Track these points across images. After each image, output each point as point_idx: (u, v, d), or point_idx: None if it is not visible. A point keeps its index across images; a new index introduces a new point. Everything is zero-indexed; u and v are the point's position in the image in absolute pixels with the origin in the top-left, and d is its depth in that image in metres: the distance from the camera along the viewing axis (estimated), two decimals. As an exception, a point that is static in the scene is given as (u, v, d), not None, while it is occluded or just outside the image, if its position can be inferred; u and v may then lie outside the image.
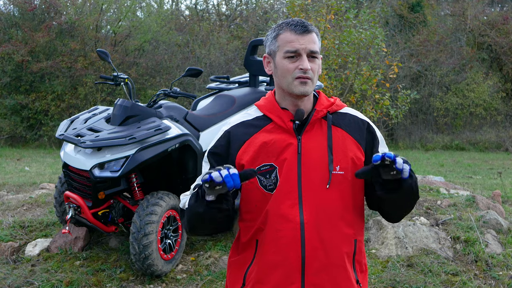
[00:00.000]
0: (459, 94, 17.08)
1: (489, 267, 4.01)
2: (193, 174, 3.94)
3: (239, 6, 20.01)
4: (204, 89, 13.61)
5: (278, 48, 1.70)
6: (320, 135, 1.71)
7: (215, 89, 5.03)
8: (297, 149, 1.68)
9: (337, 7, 8.23)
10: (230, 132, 1.76)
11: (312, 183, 1.67)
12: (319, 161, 1.68)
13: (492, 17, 18.67)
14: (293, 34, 1.66)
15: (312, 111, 1.72)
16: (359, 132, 1.75)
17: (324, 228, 1.66)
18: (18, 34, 14.94)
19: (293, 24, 1.67)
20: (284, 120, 1.72)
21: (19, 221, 4.67)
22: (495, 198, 5.54)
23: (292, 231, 1.65)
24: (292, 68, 1.67)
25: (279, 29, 1.71)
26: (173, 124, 3.84)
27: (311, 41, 1.67)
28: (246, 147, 1.71)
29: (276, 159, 1.68)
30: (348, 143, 1.72)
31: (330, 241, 1.67)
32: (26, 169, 9.01)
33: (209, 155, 1.77)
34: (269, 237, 1.68)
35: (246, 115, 1.80)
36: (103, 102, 14.10)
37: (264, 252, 1.69)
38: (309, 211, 1.65)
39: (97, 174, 3.57)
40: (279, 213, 1.66)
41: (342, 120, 1.76)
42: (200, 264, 4.02)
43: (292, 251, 1.65)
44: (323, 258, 1.66)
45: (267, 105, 1.78)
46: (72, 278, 3.68)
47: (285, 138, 1.70)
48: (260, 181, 1.69)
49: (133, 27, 15.66)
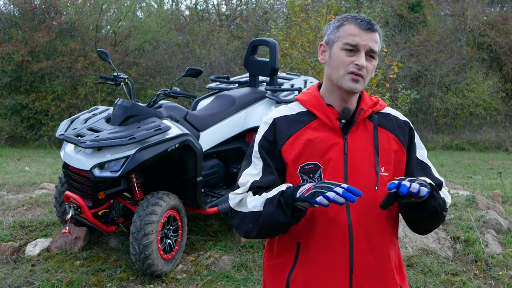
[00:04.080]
0: (459, 94, 17.09)
1: (489, 267, 4.01)
2: (193, 174, 3.94)
3: (239, 6, 20.01)
4: (204, 89, 13.61)
5: (338, 39, 1.63)
6: (365, 135, 1.66)
7: (215, 89, 5.03)
8: (343, 149, 1.63)
9: (337, 7, 8.23)
10: (276, 122, 1.68)
11: (359, 184, 1.59)
12: (366, 161, 1.63)
13: (492, 17, 18.67)
14: (357, 28, 1.60)
15: (359, 110, 1.67)
16: (402, 133, 1.71)
17: (372, 231, 1.61)
18: (18, 34, 14.95)
19: (359, 19, 1.62)
20: (330, 118, 1.65)
21: (19, 221, 4.67)
22: (495, 198, 5.55)
23: (340, 234, 1.59)
24: (348, 61, 1.60)
25: (343, 20, 1.64)
26: (173, 124, 3.84)
27: (373, 39, 1.61)
28: (290, 143, 1.65)
29: (321, 158, 1.62)
30: (392, 144, 1.68)
31: (378, 244, 1.62)
32: (26, 169, 9.01)
33: (260, 149, 1.68)
34: (316, 240, 1.61)
35: (288, 109, 1.72)
36: (103, 102, 14.10)
37: (310, 256, 1.62)
38: (356, 213, 1.60)
39: (97, 174, 3.57)
40: (326, 216, 1.59)
41: (385, 120, 1.71)
42: (200, 264, 4.02)
43: (339, 254, 1.59)
44: (371, 261, 1.61)
45: (311, 100, 1.70)
46: (72, 278, 3.68)
47: (330, 137, 1.64)
48: (302, 180, 1.62)
49: (133, 27, 15.66)
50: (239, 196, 1.65)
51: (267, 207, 1.55)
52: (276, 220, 1.52)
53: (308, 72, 7.68)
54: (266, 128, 1.70)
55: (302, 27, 8.19)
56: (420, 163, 1.73)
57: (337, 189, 1.41)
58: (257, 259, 4.12)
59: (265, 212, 1.56)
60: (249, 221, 1.60)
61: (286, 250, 1.67)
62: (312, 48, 8.04)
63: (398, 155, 1.68)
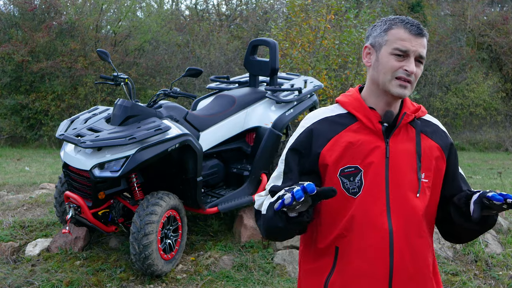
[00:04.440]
0: (459, 94, 17.09)
1: (489, 267, 4.01)
2: (193, 174, 3.94)
3: (239, 6, 20.01)
4: (204, 89, 13.61)
5: (386, 42, 1.59)
6: (407, 140, 1.64)
7: (215, 89, 5.03)
8: (385, 152, 1.60)
9: (337, 7, 8.23)
10: (313, 129, 1.65)
11: (400, 189, 1.59)
12: (407, 166, 1.61)
13: (492, 17, 18.68)
14: (407, 33, 1.57)
15: (402, 114, 1.64)
16: (443, 141, 1.70)
17: (412, 237, 1.59)
18: (18, 34, 14.95)
19: (409, 23, 1.58)
20: (372, 121, 1.62)
21: (19, 221, 4.67)
22: (495, 198, 5.54)
23: (381, 239, 1.57)
24: (397, 66, 1.57)
25: (391, 23, 1.60)
26: (173, 124, 3.84)
27: (422, 45, 1.58)
28: (331, 146, 1.62)
29: (362, 162, 1.59)
30: (434, 151, 1.66)
31: (418, 250, 1.60)
32: (26, 169, 9.01)
33: (288, 153, 1.67)
34: (355, 245, 1.58)
35: (328, 110, 1.70)
36: (103, 102, 14.10)
37: (349, 261, 1.60)
38: (397, 219, 1.58)
39: (97, 174, 3.57)
40: (367, 220, 1.57)
41: (427, 127, 1.69)
42: (200, 264, 4.02)
43: (380, 261, 1.57)
44: (411, 267, 1.59)
45: (353, 102, 1.67)
46: (72, 278, 3.68)
47: (372, 140, 1.61)
48: (343, 183, 1.60)
49: (133, 27, 15.66)
50: (261, 198, 1.68)
51: (268, 211, 1.56)
52: (276, 224, 1.51)
53: (308, 72, 7.68)
54: (301, 131, 1.68)
55: (302, 27, 8.20)
56: (462, 177, 1.74)
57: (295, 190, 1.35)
58: (257, 259, 4.12)
59: (266, 216, 1.56)
60: (263, 223, 1.61)
61: (323, 254, 1.65)
62: (312, 48, 8.04)
63: (439, 163, 1.67)
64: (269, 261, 4.10)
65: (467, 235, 1.70)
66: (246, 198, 4.33)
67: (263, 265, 4.04)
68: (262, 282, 3.82)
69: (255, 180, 4.42)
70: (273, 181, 1.68)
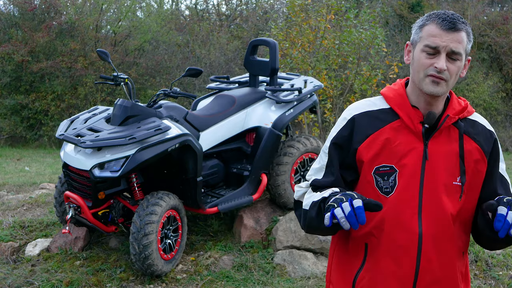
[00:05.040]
0: (459, 94, 17.09)
1: (489, 267, 4.01)
2: (193, 174, 3.94)
3: (239, 6, 20.01)
4: (204, 89, 13.61)
5: (420, 39, 1.57)
6: (447, 143, 1.60)
7: (215, 89, 5.03)
8: (423, 155, 1.58)
9: (337, 7, 8.23)
10: (355, 119, 1.63)
11: (434, 192, 1.57)
12: (445, 170, 1.58)
13: (492, 17, 18.68)
14: (438, 29, 1.52)
15: (445, 117, 1.60)
16: (486, 143, 1.65)
17: (441, 241, 1.58)
18: (18, 34, 14.94)
19: (442, 18, 1.53)
20: (413, 121, 1.59)
21: (19, 221, 4.67)
22: (495, 198, 5.55)
23: (410, 241, 1.56)
24: (427, 64, 1.54)
25: (427, 19, 1.58)
26: (173, 124, 3.84)
27: (455, 40, 1.52)
28: (369, 142, 1.60)
29: (398, 162, 1.58)
30: (474, 154, 1.62)
31: (446, 255, 1.59)
32: (26, 169, 9.01)
33: (331, 146, 1.66)
34: (385, 245, 1.59)
35: (370, 103, 1.67)
36: (103, 102, 14.10)
37: (378, 260, 1.60)
38: (427, 222, 1.56)
39: (97, 174, 3.57)
40: (398, 222, 1.57)
41: (472, 128, 1.64)
42: (200, 264, 4.02)
43: (406, 262, 1.57)
44: (437, 271, 1.58)
45: (397, 98, 1.64)
46: (72, 278, 3.68)
47: (411, 141, 1.58)
48: (376, 181, 1.59)
49: (133, 27, 15.66)
50: (302, 189, 1.69)
51: (311, 210, 1.57)
52: (318, 226, 1.53)
53: (308, 72, 7.67)
54: (343, 124, 1.66)
55: (302, 27, 8.19)
56: (501, 178, 1.69)
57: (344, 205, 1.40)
58: (257, 259, 4.12)
59: (309, 215, 1.58)
60: (303, 217, 1.62)
61: (354, 249, 1.66)
62: (312, 48, 8.04)
63: (478, 165, 1.63)
64: (269, 261, 4.10)
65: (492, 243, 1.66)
66: (246, 198, 4.33)
67: (263, 265, 4.04)
68: (262, 282, 3.81)
69: (255, 180, 4.42)
70: (315, 172, 1.68)
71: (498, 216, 1.45)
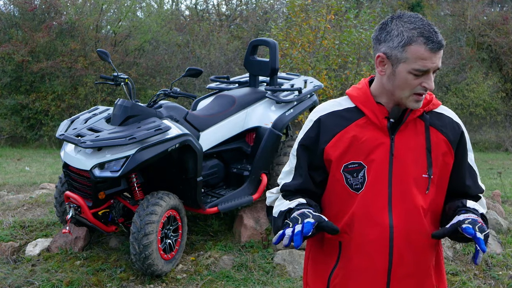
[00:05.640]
0: (459, 94, 17.10)
1: (488, 267, 4.01)
2: (193, 174, 3.95)
3: (239, 6, 20.01)
4: (204, 89, 13.61)
5: (406, 60, 1.51)
6: (414, 136, 1.61)
7: (215, 89, 5.03)
8: (390, 149, 1.59)
9: (337, 7, 8.23)
10: (321, 120, 1.65)
11: (403, 186, 1.57)
12: (413, 163, 1.58)
13: (492, 17, 18.68)
14: (428, 51, 1.49)
15: (409, 110, 1.60)
16: (453, 134, 1.65)
17: (413, 234, 1.58)
18: (18, 34, 14.96)
19: (430, 39, 1.48)
20: (378, 117, 1.60)
21: (19, 221, 4.67)
22: (494, 198, 5.55)
23: (381, 236, 1.57)
24: (415, 84, 1.53)
25: (411, 38, 1.50)
26: (173, 124, 3.85)
27: (440, 57, 1.52)
28: (336, 141, 1.61)
29: (366, 158, 1.59)
30: (442, 147, 1.63)
31: (418, 247, 1.59)
32: (26, 169, 9.01)
33: (298, 148, 1.67)
34: (356, 241, 1.60)
35: (336, 103, 1.68)
36: (103, 102, 14.11)
37: (350, 257, 1.61)
38: (398, 215, 1.57)
39: (97, 174, 3.57)
40: (368, 217, 1.58)
41: (438, 120, 1.65)
42: (200, 264, 4.02)
43: (379, 257, 1.58)
44: (411, 264, 1.59)
45: (361, 97, 1.64)
46: (72, 278, 3.68)
47: (377, 136, 1.59)
48: (346, 179, 1.60)
49: (133, 27, 15.67)
50: (273, 195, 1.71)
51: (278, 219, 1.60)
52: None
53: (308, 72, 7.68)
54: (310, 126, 1.68)
55: (302, 27, 8.20)
56: (470, 169, 1.70)
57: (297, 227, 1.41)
58: (257, 259, 4.13)
59: (276, 224, 1.61)
60: (273, 224, 1.64)
61: (329, 248, 1.67)
62: (312, 48, 8.04)
63: (446, 157, 1.64)
64: (269, 261, 4.10)
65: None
66: (246, 198, 4.34)
67: (263, 265, 4.05)
68: (262, 282, 3.82)
69: (255, 180, 4.43)
70: (285, 176, 1.70)
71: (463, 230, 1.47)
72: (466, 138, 1.70)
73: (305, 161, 1.66)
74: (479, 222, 1.49)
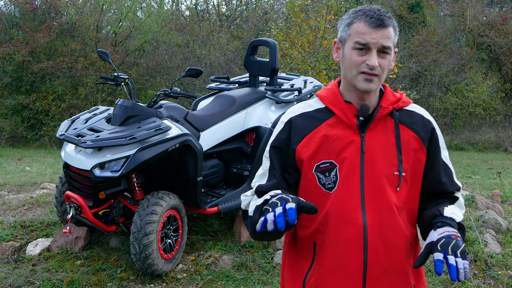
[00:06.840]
0: (459, 94, 17.11)
1: (488, 267, 4.02)
2: (193, 174, 3.96)
3: (239, 7, 20.02)
4: (204, 89, 13.63)
5: (348, 37, 1.57)
6: (384, 133, 1.61)
7: (215, 89, 5.04)
8: (360, 147, 1.59)
9: (337, 7, 8.25)
10: (292, 121, 1.66)
11: (375, 183, 1.57)
12: (384, 160, 1.59)
13: (491, 17, 18.69)
14: (366, 26, 1.53)
15: (378, 107, 1.61)
16: (424, 131, 1.65)
17: (387, 231, 1.57)
18: (19, 35, 14.98)
19: (369, 16, 1.54)
20: (347, 115, 1.61)
21: (20, 220, 4.68)
22: (494, 198, 5.56)
23: (354, 234, 1.56)
24: (359, 61, 1.55)
25: (354, 17, 1.57)
26: (173, 124, 3.86)
27: (384, 36, 1.54)
28: (306, 142, 1.62)
29: (337, 157, 1.59)
30: (413, 143, 1.62)
31: (393, 245, 1.58)
32: (27, 169, 9.02)
33: (271, 150, 1.68)
34: (330, 240, 1.59)
35: (307, 105, 1.69)
36: (103, 102, 14.12)
37: (324, 256, 1.60)
38: (371, 213, 1.56)
39: (98, 174, 3.58)
40: (341, 215, 1.57)
41: (409, 118, 1.65)
42: (200, 264, 4.03)
43: (353, 255, 1.56)
44: (386, 262, 1.57)
45: (330, 96, 1.66)
46: (73, 278, 3.69)
47: (347, 135, 1.60)
48: (318, 179, 1.60)
49: (133, 28, 15.68)
50: (248, 198, 1.68)
51: (254, 214, 1.56)
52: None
53: (308, 72, 7.69)
54: (281, 128, 1.68)
55: (302, 28, 8.21)
56: (444, 166, 1.69)
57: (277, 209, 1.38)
58: (257, 259, 4.14)
59: (253, 219, 1.57)
60: (250, 225, 1.61)
61: (304, 249, 1.66)
62: (312, 48, 8.05)
63: (417, 154, 1.63)
64: (269, 261, 4.11)
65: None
66: (246, 198, 4.34)
67: (263, 265, 4.06)
68: (262, 282, 3.83)
69: (255, 180, 4.43)
70: (259, 179, 1.68)
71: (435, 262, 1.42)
72: (438, 135, 1.69)
73: (278, 162, 1.66)
74: (454, 238, 1.45)
